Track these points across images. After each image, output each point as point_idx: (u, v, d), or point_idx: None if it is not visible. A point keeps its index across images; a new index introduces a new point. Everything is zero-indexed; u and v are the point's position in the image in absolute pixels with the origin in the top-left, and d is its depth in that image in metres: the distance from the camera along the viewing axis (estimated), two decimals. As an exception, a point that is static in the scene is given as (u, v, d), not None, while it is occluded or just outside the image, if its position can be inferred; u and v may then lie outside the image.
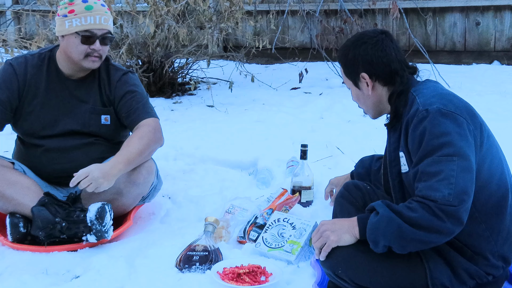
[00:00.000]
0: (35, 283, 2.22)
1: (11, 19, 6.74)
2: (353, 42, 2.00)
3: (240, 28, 5.76)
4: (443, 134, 1.74)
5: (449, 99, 1.84)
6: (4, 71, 2.66)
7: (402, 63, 1.97)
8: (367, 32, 2.02)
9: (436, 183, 1.70)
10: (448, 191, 1.69)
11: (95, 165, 2.42)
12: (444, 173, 1.70)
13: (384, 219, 1.75)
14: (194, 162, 3.61)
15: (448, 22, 6.33)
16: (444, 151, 1.72)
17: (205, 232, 2.43)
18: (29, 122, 2.68)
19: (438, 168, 1.72)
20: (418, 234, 1.70)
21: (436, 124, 1.75)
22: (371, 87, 1.98)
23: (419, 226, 1.70)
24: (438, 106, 1.78)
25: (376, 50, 1.94)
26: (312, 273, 2.22)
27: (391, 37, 2.00)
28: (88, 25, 2.56)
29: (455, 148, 1.72)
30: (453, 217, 1.68)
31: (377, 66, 1.95)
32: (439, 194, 1.69)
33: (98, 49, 2.59)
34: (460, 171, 1.70)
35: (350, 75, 2.03)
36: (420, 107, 1.81)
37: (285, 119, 4.49)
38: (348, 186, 2.33)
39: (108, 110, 2.73)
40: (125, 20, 5.40)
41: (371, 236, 1.77)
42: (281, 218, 2.49)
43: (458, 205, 1.68)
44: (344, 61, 2.03)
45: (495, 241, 1.82)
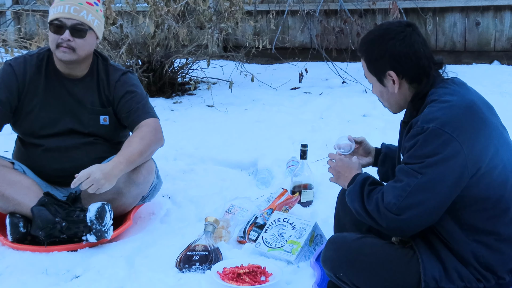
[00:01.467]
0: (35, 283, 2.22)
1: (11, 19, 6.73)
2: (379, 37, 1.88)
3: (240, 28, 5.76)
4: (424, 155, 1.72)
5: (456, 114, 1.74)
6: (4, 72, 2.66)
7: (429, 60, 1.87)
8: (393, 26, 1.88)
9: (392, 188, 1.77)
10: (394, 200, 1.74)
11: (96, 166, 2.42)
12: (402, 183, 1.74)
13: (351, 193, 1.90)
14: (194, 162, 3.61)
15: (448, 22, 6.33)
16: (414, 166, 1.73)
17: (205, 232, 2.43)
18: (29, 121, 2.67)
19: (402, 177, 1.76)
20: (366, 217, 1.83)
21: (424, 145, 1.73)
22: (398, 85, 1.88)
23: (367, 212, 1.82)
24: (435, 125, 1.71)
25: (405, 46, 1.83)
26: (312, 273, 2.22)
27: (417, 30, 1.88)
28: (57, 13, 2.56)
29: (426, 170, 1.71)
30: (390, 222, 1.75)
31: (406, 63, 1.84)
32: (386, 199, 1.76)
33: (66, 39, 2.54)
34: (417, 188, 1.72)
35: (375, 72, 1.92)
36: (419, 121, 1.77)
37: (285, 119, 4.49)
38: None
39: (107, 111, 2.73)
40: (125, 20, 5.40)
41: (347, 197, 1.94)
42: (281, 218, 2.49)
43: (397, 215, 1.73)
44: (369, 57, 1.91)
45: (481, 253, 1.78)
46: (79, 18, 2.56)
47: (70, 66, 2.65)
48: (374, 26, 6.28)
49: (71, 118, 2.69)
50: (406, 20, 2.00)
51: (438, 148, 1.70)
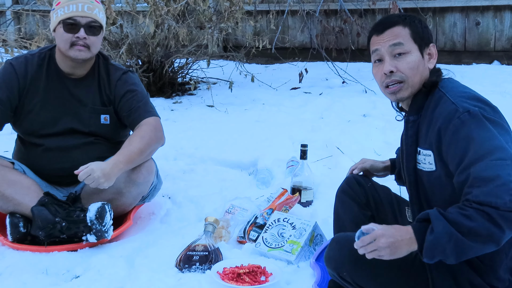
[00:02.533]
0: (35, 283, 2.22)
1: (11, 19, 6.74)
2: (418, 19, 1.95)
3: (240, 28, 5.76)
4: (492, 137, 1.66)
5: (483, 100, 1.78)
6: (5, 71, 2.66)
7: None
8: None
9: (496, 188, 1.59)
10: (509, 197, 1.58)
11: (96, 165, 2.42)
12: (502, 179, 1.59)
13: (442, 236, 1.61)
14: (194, 162, 3.61)
15: (448, 22, 6.33)
16: (497, 155, 1.63)
17: (205, 232, 2.43)
18: (29, 121, 2.67)
19: (495, 173, 1.60)
20: (474, 246, 1.60)
21: (483, 127, 1.68)
22: (434, 60, 1.93)
23: (477, 236, 1.59)
24: (479, 109, 1.71)
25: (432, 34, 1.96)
26: (312, 273, 2.22)
27: None
28: (70, 13, 2.56)
29: (506, 153, 1.63)
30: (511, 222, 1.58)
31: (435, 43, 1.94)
32: (500, 201, 1.57)
33: (83, 37, 2.56)
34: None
35: (422, 40, 1.91)
36: (459, 108, 1.72)
37: (285, 119, 4.49)
38: (350, 182, 2.27)
39: (107, 110, 2.73)
40: (125, 20, 5.40)
41: (428, 253, 1.64)
42: (281, 218, 2.49)
43: None
44: (417, 26, 1.91)
45: (506, 254, 1.77)
46: (93, 16, 2.58)
47: (77, 65, 2.66)
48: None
49: (72, 118, 2.69)
50: None
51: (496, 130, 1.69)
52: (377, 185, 2.31)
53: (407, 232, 1.68)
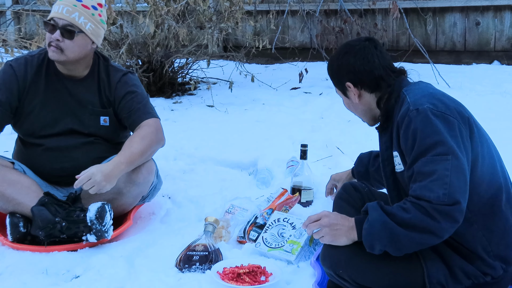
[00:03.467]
0: (35, 283, 2.22)
1: (11, 19, 6.74)
2: (337, 53, 2.05)
3: (240, 28, 5.76)
4: (435, 132, 1.74)
5: (440, 99, 1.84)
6: (4, 72, 2.66)
7: (386, 69, 1.99)
8: (351, 42, 2.06)
9: (430, 183, 1.70)
10: (442, 191, 1.68)
11: (97, 168, 2.42)
12: (438, 173, 1.70)
13: (377, 223, 1.75)
14: (194, 162, 3.61)
15: (448, 22, 6.33)
16: (437, 150, 1.72)
17: (205, 232, 2.43)
18: (29, 122, 2.67)
19: (432, 168, 1.71)
20: (412, 236, 1.71)
21: (428, 123, 1.75)
22: (358, 95, 2.02)
23: (412, 227, 1.70)
24: (428, 106, 1.78)
25: (358, 59, 1.97)
26: (312, 273, 2.22)
27: (375, 43, 2.02)
28: (53, 13, 2.57)
29: (447, 147, 1.71)
30: (447, 216, 1.67)
31: (360, 74, 1.98)
32: (433, 195, 1.68)
33: (55, 39, 2.54)
34: (454, 171, 1.69)
35: (338, 85, 2.08)
36: (410, 106, 1.82)
37: (285, 119, 4.49)
38: (347, 188, 2.34)
39: (107, 112, 2.73)
40: (125, 20, 5.40)
41: (366, 242, 1.78)
42: (281, 218, 2.49)
43: (452, 204, 1.67)
44: (330, 72, 2.10)
45: (488, 241, 1.80)
46: (69, 19, 2.55)
47: (66, 67, 2.65)
48: (374, 26, 6.32)
49: (72, 119, 2.69)
50: (366, 36, 2.16)
51: (441, 126, 1.74)
52: (374, 190, 2.38)
53: (349, 221, 1.86)
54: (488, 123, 1.95)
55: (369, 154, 2.53)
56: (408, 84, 1.99)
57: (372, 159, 2.49)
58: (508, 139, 3.40)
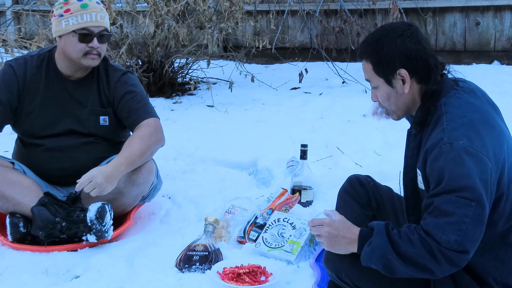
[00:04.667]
0: (35, 283, 2.22)
1: (11, 19, 6.74)
2: (385, 36, 1.80)
3: (240, 28, 5.76)
4: (466, 176, 1.62)
5: (478, 131, 1.69)
6: (4, 73, 2.66)
7: (436, 60, 1.83)
8: (397, 25, 1.83)
9: (446, 224, 1.61)
10: (455, 237, 1.60)
11: (97, 170, 2.42)
12: (457, 216, 1.60)
13: (378, 251, 1.69)
14: (194, 162, 3.61)
15: (448, 22, 6.33)
16: (464, 194, 1.61)
17: (205, 232, 2.43)
18: (29, 122, 2.68)
19: (453, 209, 1.61)
20: (408, 270, 1.66)
21: (459, 164, 1.63)
22: (408, 84, 1.80)
23: (412, 262, 1.65)
24: (464, 143, 1.64)
25: (414, 43, 1.77)
26: (312, 273, 2.22)
27: (419, 30, 1.84)
28: (84, 23, 2.56)
29: (475, 194, 1.61)
30: (451, 261, 1.62)
31: (416, 61, 1.78)
32: (444, 238, 1.60)
33: (97, 47, 2.58)
34: (473, 219, 1.60)
35: (384, 72, 1.82)
36: (445, 138, 1.67)
37: (285, 119, 4.49)
38: (352, 182, 2.24)
39: (106, 111, 2.73)
40: (125, 20, 5.40)
41: (363, 261, 1.74)
42: (281, 218, 2.49)
43: (460, 252, 1.61)
44: (376, 57, 1.81)
45: (499, 271, 1.77)
46: (104, 24, 2.61)
47: (80, 69, 2.67)
48: (374, 26, 6.31)
49: (71, 119, 2.69)
50: (407, 21, 1.95)
51: (473, 169, 1.62)
52: (379, 185, 2.29)
53: (352, 233, 1.78)
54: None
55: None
56: (449, 90, 1.81)
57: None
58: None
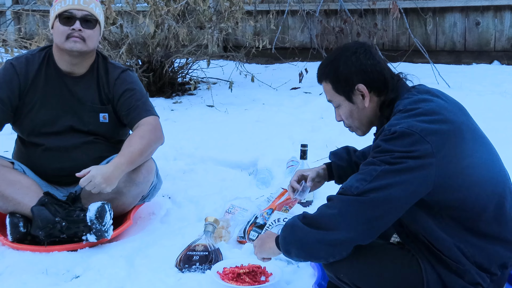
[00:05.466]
0: (35, 283, 2.22)
1: (11, 19, 6.74)
2: (340, 55, 1.90)
3: (240, 28, 5.76)
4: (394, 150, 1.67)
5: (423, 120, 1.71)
6: (5, 71, 2.66)
7: (391, 72, 1.91)
8: (350, 44, 1.94)
9: (354, 176, 1.71)
10: (357, 184, 1.67)
11: (97, 170, 2.42)
12: (367, 169, 1.68)
13: (287, 227, 1.78)
14: (194, 162, 3.62)
15: (448, 22, 6.33)
16: (382, 158, 1.68)
17: (205, 232, 2.43)
18: (29, 119, 2.68)
19: (366, 167, 1.70)
20: (314, 234, 1.70)
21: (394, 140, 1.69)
22: (368, 98, 1.88)
23: (315, 225, 1.70)
24: (402, 127, 1.70)
25: (369, 59, 1.86)
26: (312, 273, 2.22)
27: (373, 46, 1.94)
28: (66, 6, 2.58)
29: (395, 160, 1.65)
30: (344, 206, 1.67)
31: (372, 74, 1.86)
32: (346, 185, 1.69)
33: (78, 29, 2.57)
34: (385, 172, 1.65)
35: (343, 90, 1.90)
36: (386, 125, 1.76)
37: (285, 119, 4.49)
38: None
39: (106, 108, 2.73)
40: (125, 20, 5.40)
41: (282, 246, 1.81)
42: (281, 218, 2.49)
43: (357, 195, 1.65)
44: (334, 76, 1.90)
45: (471, 252, 1.76)
46: (89, 9, 2.60)
47: (75, 61, 2.65)
48: (374, 26, 6.31)
49: (71, 116, 2.69)
50: (359, 41, 2.02)
51: (408, 146, 1.67)
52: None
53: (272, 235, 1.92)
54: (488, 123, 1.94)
55: (345, 149, 2.36)
56: (405, 93, 1.87)
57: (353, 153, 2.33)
58: (508, 139, 3.40)
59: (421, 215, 1.75)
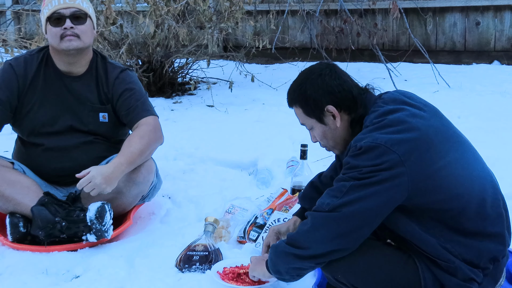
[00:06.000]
0: (35, 283, 2.22)
1: (11, 19, 6.74)
2: (306, 79, 1.91)
3: (240, 28, 5.76)
4: (362, 165, 1.70)
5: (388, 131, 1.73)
6: (4, 72, 2.66)
7: (358, 88, 1.93)
8: (315, 67, 1.95)
9: (325, 193, 1.75)
10: (328, 200, 1.72)
11: (96, 170, 2.42)
12: (337, 185, 1.73)
13: (273, 248, 1.85)
14: (194, 162, 3.61)
15: (448, 22, 6.33)
16: (351, 174, 1.72)
17: (205, 232, 2.43)
18: (29, 120, 2.68)
19: (336, 183, 1.75)
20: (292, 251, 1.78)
21: (361, 155, 1.72)
22: (339, 118, 1.89)
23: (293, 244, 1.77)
24: (367, 141, 1.72)
25: (334, 79, 1.89)
26: (312, 273, 2.21)
27: (338, 67, 1.95)
28: (54, 7, 2.57)
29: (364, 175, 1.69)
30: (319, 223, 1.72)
31: (340, 94, 1.88)
32: (319, 202, 1.73)
33: (69, 27, 2.56)
34: (355, 186, 1.69)
35: (313, 112, 1.91)
36: (351, 142, 1.79)
37: (285, 119, 4.49)
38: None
39: (105, 108, 2.73)
40: (125, 20, 5.40)
41: (271, 270, 1.87)
42: (281, 218, 2.49)
43: (329, 211, 1.70)
44: (302, 100, 1.91)
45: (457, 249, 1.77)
46: (75, 5, 2.58)
47: (73, 61, 2.65)
48: (374, 26, 6.31)
49: (71, 116, 2.69)
50: (324, 62, 2.03)
51: (375, 159, 1.68)
52: None
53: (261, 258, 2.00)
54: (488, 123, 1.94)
55: (310, 185, 2.33)
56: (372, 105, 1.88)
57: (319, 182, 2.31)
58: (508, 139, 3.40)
59: (403, 220, 1.77)
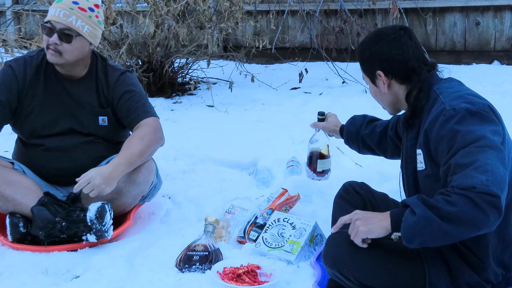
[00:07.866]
0: (35, 283, 2.22)
1: (11, 19, 6.74)
2: (370, 39, 1.98)
3: (240, 28, 5.76)
4: (476, 130, 1.68)
5: (475, 98, 1.79)
6: (4, 73, 2.66)
7: (420, 61, 1.93)
8: (385, 29, 1.99)
9: (472, 171, 1.60)
10: (485, 177, 1.59)
11: (96, 171, 2.42)
12: (479, 161, 1.61)
13: (421, 220, 1.63)
14: (194, 162, 3.61)
15: (448, 22, 6.33)
16: (478, 143, 1.65)
17: (205, 232, 2.43)
18: (28, 122, 2.68)
19: (472, 159, 1.63)
20: (458, 231, 1.60)
21: (467, 122, 1.70)
22: (387, 85, 1.95)
23: (459, 222, 1.59)
24: (465, 106, 1.73)
25: (393, 48, 1.91)
26: (312, 273, 2.22)
27: (410, 33, 1.96)
28: (49, 16, 2.57)
29: (488, 141, 1.65)
30: (494, 207, 1.57)
31: (393, 64, 1.92)
32: (476, 180, 1.58)
33: (53, 42, 2.53)
34: (495, 160, 1.62)
35: (367, 72, 2.01)
36: (446, 106, 1.76)
37: (285, 119, 4.49)
38: (347, 189, 2.31)
39: (105, 111, 2.73)
40: (125, 20, 5.40)
41: (406, 235, 1.67)
42: (281, 218, 2.49)
43: (496, 193, 1.57)
44: (361, 58, 2.02)
45: (499, 249, 1.79)
46: (67, 23, 2.53)
47: (65, 68, 2.65)
48: (374, 26, 6.31)
49: (71, 119, 2.69)
50: (401, 25, 2.04)
51: (481, 123, 1.70)
52: (374, 191, 2.34)
53: (382, 214, 1.78)
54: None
55: (363, 117, 2.48)
56: (439, 81, 1.92)
57: (366, 123, 2.44)
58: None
59: None
